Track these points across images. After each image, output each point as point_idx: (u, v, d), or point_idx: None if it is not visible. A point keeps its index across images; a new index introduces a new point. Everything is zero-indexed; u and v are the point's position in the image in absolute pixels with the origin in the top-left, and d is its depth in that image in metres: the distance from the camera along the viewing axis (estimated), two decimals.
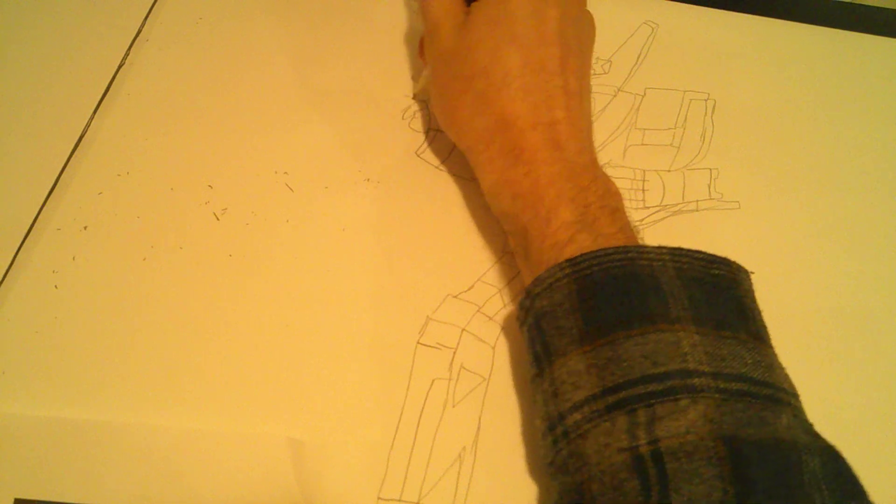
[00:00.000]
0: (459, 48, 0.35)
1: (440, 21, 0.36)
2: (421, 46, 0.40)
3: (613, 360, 0.26)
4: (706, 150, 0.42)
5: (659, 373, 0.25)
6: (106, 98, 0.42)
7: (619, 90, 0.44)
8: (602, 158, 0.40)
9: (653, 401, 0.25)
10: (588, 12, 0.37)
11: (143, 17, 0.45)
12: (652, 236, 0.38)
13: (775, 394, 0.26)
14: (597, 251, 0.28)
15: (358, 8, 0.47)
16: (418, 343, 0.34)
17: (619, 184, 0.33)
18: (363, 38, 0.46)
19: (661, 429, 0.24)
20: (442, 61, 0.36)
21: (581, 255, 0.28)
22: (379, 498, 0.30)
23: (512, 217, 0.33)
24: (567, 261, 0.28)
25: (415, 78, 0.43)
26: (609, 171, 0.40)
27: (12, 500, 0.29)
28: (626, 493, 0.24)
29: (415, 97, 0.42)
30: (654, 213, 0.39)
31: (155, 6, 0.46)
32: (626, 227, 0.31)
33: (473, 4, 0.36)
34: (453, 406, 0.32)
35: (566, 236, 0.30)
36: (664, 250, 0.28)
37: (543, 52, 0.34)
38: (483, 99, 0.34)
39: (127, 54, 0.44)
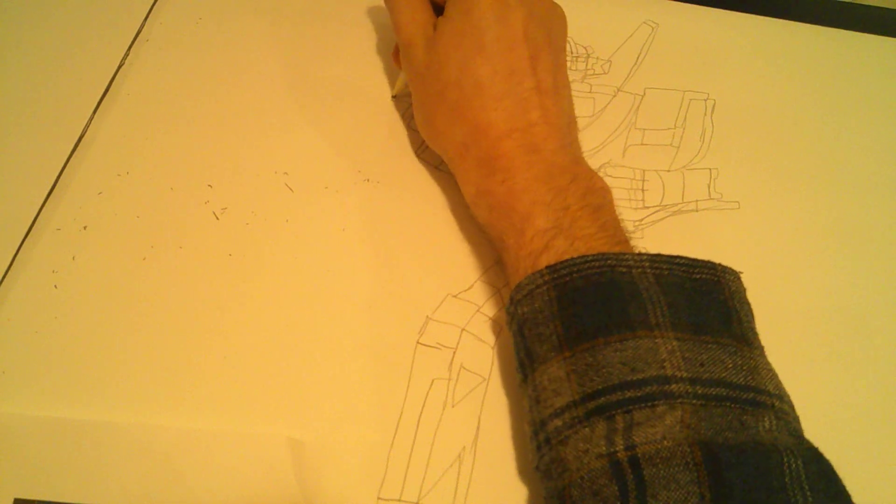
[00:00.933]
0: (431, 63, 0.35)
1: (412, 37, 0.36)
2: (395, 53, 0.40)
3: (593, 366, 0.26)
4: (706, 150, 0.42)
5: (637, 379, 0.25)
6: (106, 98, 0.42)
7: (618, 90, 0.44)
8: (602, 158, 0.41)
9: (631, 407, 0.25)
10: (557, 6, 0.37)
11: (143, 17, 0.45)
12: (652, 236, 0.38)
13: (757, 397, 0.26)
14: (576, 258, 0.28)
15: (358, 8, 0.47)
16: (418, 343, 0.34)
17: (618, 184, 0.33)
18: (364, 39, 0.46)
19: (639, 435, 0.24)
20: (417, 76, 0.36)
21: (561, 262, 0.28)
22: (379, 498, 0.30)
23: (489, 227, 0.33)
24: (547, 268, 0.29)
25: (391, 81, 0.43)
26: (609, 171, 0.40)
27: (12, 500, 0.29)
28: (604, 498, 0.24)
29: (394, 98, 0.43)
30: (653, 213, 0.39)
31: (155, 6, 0.46)
32: (609, 225, 0.31)
33: (439, 19, 0.36)
34: (453, 406, 0.32)
35: (541, 244, 0.30)
36: (644, 257, 0.28)
37: (511, 56, 0.34)
38: (457, 110, 0.34)
39: (127, 54, 0.44)
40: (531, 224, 0.30)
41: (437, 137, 0.36)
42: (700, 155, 0.41)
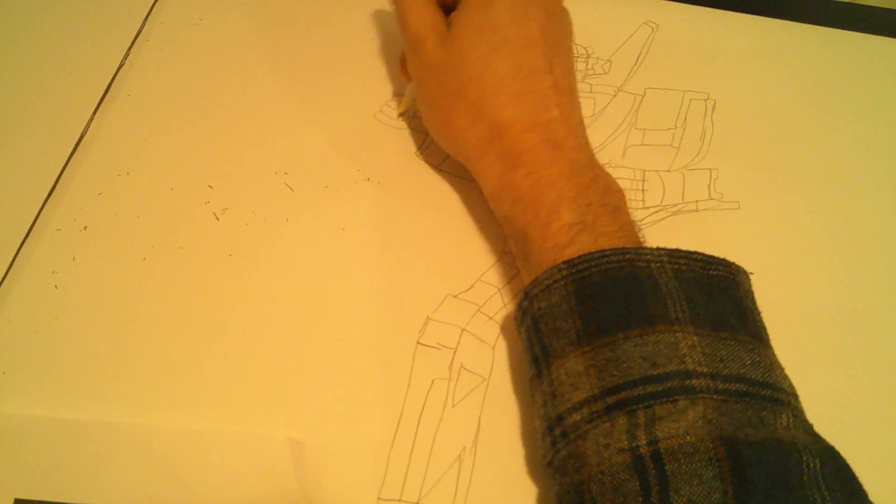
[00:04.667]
0: (448, 60, 0.35)
1: (423, 34, 0.36)
2: (402, 63, 0.39)
3: (612, 361, 0.26)
4: (706, 150, 0.42)
5: (658, 374, 0.25)
6: (106, 98, 0.42)
7: (619, 90, 0.44)
8: (602, 158, 0.40)
9: (652, 402, 0.25)
10: (565, 8, 0.37)
11: (143, 17, 0.45)
12: (652, 236, 0.37)
13: (774, 394, 0.26)
14: (594, 252, 0.28)
15: (359, 7, 0.47)
16: (418, 343, 0.34)
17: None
18: (365, 38, 0.46)
19: (661, 430, 0.24)
20: (430, 73, 0.36)
21: (579, 256, 0.28)
22: (379, 498, 0.30)
23: (512, 220, 0.33)
24: (565, 262, 0.29)
25: (398, 94, 0.43)
26: (609, 171, 0.40)
27: (12, 500, 0.29)
28: (625, 493, 0.24)
29: (401, 115, 0.42)
30: (653, 214, 0.39)
31: (155, 6, 0.46)
32: (627, 226, 0.31)
33: (454, 15, 0.36)
34: (453, 406, 0.32)
35: (566, 238, 0.30)
36: (662, 252, 0.28)
37: (530, 53, 0.34)
38: (477, 107, 0.34)
39: (127, 54, 0.44)
40: (557, 218, 0.30)
41: (456, 135, 0.35)
42: (700, 155, 0.41)
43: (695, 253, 0.29)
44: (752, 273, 0.30)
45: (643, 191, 0.40)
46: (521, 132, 0.33)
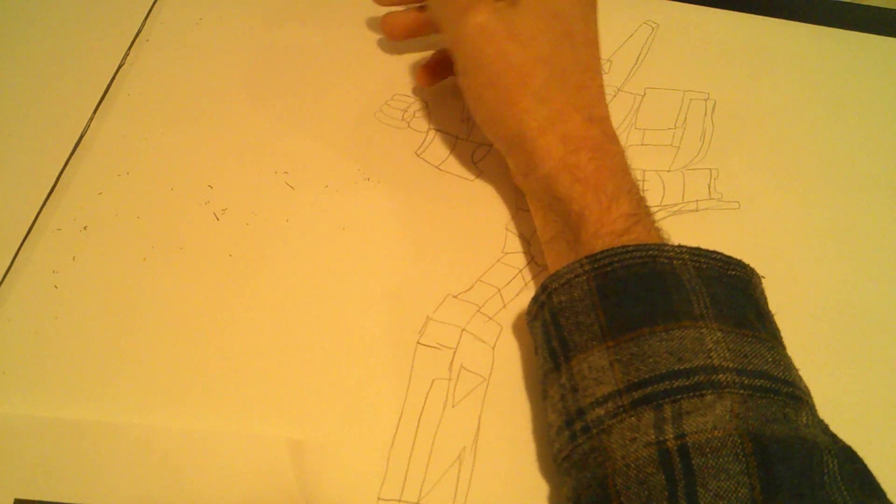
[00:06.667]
0: (518, 34, 0.34)
1: None
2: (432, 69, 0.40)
3: (638, 356, 0.26)
4: (706, 150, 0.42)
5: (684, 368, 0.25)
6: (106, 98, 0.42)
7: (619, 90, 0.44)
8: None
9: (679, 396, 0.25)
10: None
11: (143, 17, 0.45)
12: None
13: (795, 391, 0.26)
14: (616, 248, 0.28)
15: (360, 7, 0.47)
16: (418, 343, 0.34)
17: None
18: (365, 38, 0.46)
19: (688, 424, 0.24)
20: (487, 42, 0.34)
21: (602, 251, 0.29)
22: (379, 498, 0.30)
23: (567, 201, 0.32)
24: (587, 257, 0.29)
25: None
26: None
27: (12, 500, 0.29)
28: (651, 487, 0.24)
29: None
30: (653, 213, 0.39)
31: (155, 6, 0.46)
32: (660, 229, 0.32)
33: None
34: (453, 406, 0.32)
35: (623, 226, 0.30)
36: (683, 249, 0.29)
37: (588, 51, 0.35)
38: (547, 88, 0.34)
39: (127, 54, 0.44)
40: (617, 205, 0.31)
41: (517, 112, 0.34)
42: (700, 155, 0.41)
43: (714, 252, 0.29)
44: (764, 277, 0.30)
45: (643, 191, 0.39)
46: (587, 120, 0.33)
